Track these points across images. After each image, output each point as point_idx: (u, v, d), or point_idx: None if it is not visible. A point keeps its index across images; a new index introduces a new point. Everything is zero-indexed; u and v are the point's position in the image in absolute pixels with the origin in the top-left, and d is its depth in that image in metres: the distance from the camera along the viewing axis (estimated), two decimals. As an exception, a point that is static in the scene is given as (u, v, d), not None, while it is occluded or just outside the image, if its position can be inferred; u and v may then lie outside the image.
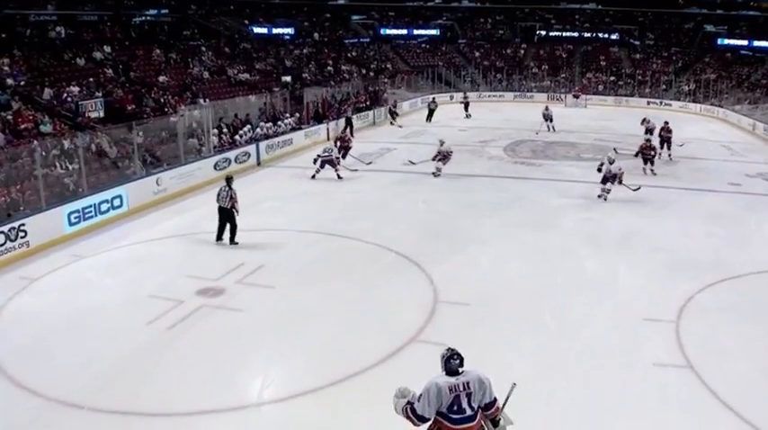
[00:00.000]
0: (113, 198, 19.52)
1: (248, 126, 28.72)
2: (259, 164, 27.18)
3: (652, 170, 24.99)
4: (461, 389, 6.81)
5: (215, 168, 24.40)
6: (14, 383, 10.40)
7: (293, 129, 31.01)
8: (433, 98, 42.63)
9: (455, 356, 6.90)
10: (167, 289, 13.79)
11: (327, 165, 23.92)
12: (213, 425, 9.29)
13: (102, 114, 26.26)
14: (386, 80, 48.27)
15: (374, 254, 15.86)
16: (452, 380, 6.84)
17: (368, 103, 40.34)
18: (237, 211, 16.23)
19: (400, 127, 37.03)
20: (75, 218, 18.06)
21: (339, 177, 23.85)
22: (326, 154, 24.22)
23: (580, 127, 36.06)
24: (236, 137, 27.36)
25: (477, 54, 62.89)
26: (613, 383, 10.25)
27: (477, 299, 13.11)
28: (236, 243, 16.23)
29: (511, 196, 17.84)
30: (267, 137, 28.71)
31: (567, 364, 10.82)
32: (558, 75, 57.03)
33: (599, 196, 19.45)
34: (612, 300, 13.33)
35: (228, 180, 16.57)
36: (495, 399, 7.01)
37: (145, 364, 10.95)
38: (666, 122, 28.21)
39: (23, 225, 16.46)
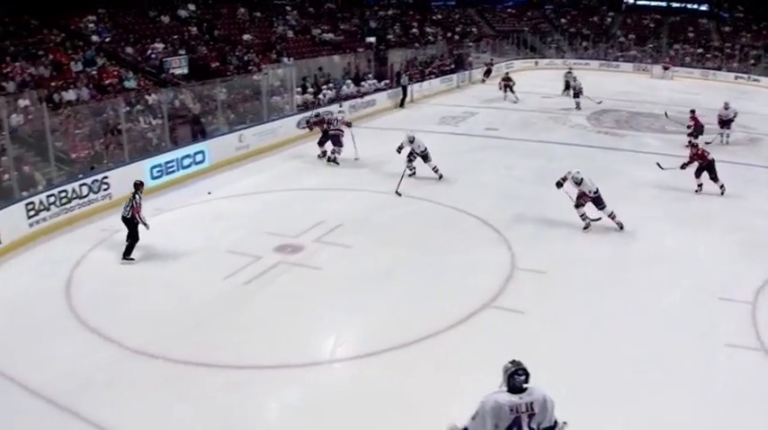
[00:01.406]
0: (196, 153, 19.60)
1: (331, 85, 28.38)
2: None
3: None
4: (524, 409, 5.95)
5: (297, 127, 24.22)
6: (92, 331, 10.62)
7: (376, 91, 30.62)
8: (492, 59, 43.04)
9: (520, 371, 5.99)
10: (246, 244, 13.75)
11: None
12: (284, 380, 9.34)
13: (186, 71, 26.23)
14: (470, 44, 47.36)
15: (453, 217, 15.45)
16: (515, 398, 5.97)
17: (452, 66, 39.66)
18: (142, 222, 13.54)
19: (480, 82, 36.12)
20: (158, 172, 18.18)
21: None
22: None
23: (665, 99, 34.57)
24: (320, 96, 27.09)
25: (563, 20, 61.30)
26: (682, 359, 9.69)
27: (554, 267, 12.61)
28: (131, 259, 13.35)
29: (592, 166, 16.97)
30: (350, 97, 28.39)
31: (638, 337, 10.30)
32: (644, 45, 55.01)
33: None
34: (688, 276, 12.58)
35: (137, 186, 13.86)
36: (556, 423, 6.13)
37: (220, 318, 11.02)
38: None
39: (106, 178, 16.65)
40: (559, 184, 14.57)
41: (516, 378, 5.96)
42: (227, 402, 8.71)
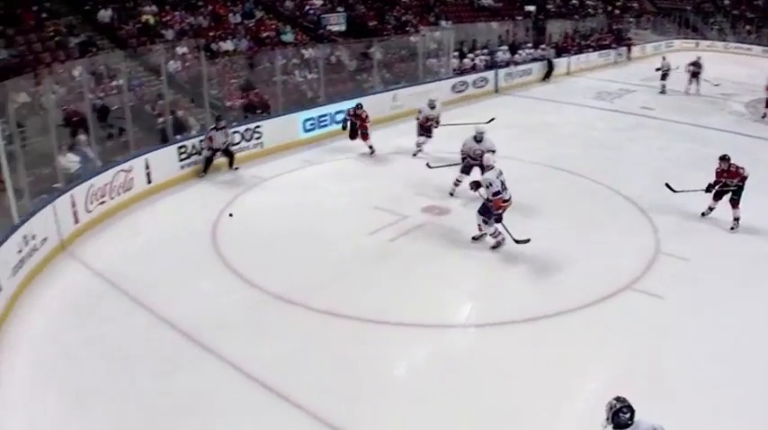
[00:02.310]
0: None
1: (486, 51, 27.71)
2: (497, 91, 26.21)
3: None
4: None
5: (452, 90, 23.70)
6: (234, 273, 10.77)
7: (533, 60, 29.71)
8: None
9: (625, 409, 5.69)
10: (393, 202, 13.47)
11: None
12: (414, 339, 9.23)
13: (343, 28, 26.01)
14: (630, 20, 45.38)
15: (601, 194, 14.49)
16: None
17: (611, 42, 38.11)
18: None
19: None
20: (311, 125, 18.08)
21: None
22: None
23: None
24: (476, 61, 26.49)
25: (726, 2, 57.94)
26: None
27: (699, 255, 11.54)
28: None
29: (748, 157, 15.42)
30: (507, 64, 27.65)
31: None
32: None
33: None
34: None
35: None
36: None
37: (362, 272, 10.96)
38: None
39: (259, 127, 16.67)
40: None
41: (621, 416, 5.71)
42: (357, 354, 8.71)
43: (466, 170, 13.68)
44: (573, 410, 7.56)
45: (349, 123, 16.89)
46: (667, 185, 13.33)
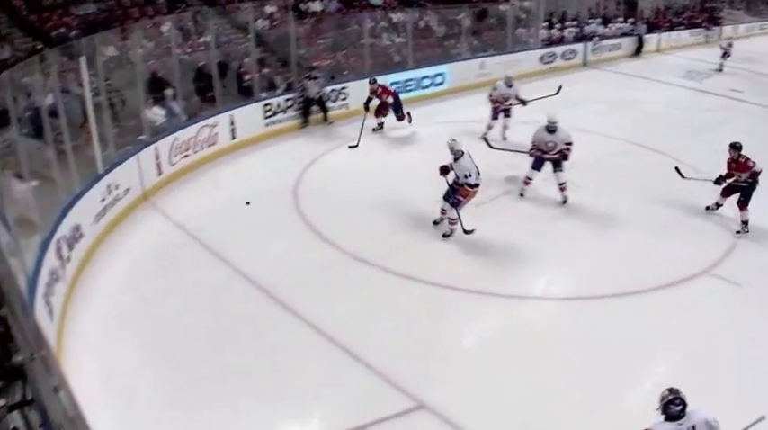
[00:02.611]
0: (436, 75, 19.13)
1: (575, 23, 26.99)
2: (585, 64, 25.49)
3: None
4: None
5: (540, 61, 23.16)
6: (314, 231, 10.84)
7: (623, 35, 28.80)
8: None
9: (677, 400, 5.55)
10: (480, 171, 13.00)
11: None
12: (489, 307, 9.12)
13: (432, -7, 25.73)
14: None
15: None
16: (674, 426, 5.56)
17: (703, 21, 36.72)
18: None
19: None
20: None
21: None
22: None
23: None
24: (565, 33, 25.85)
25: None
26: None
27: None
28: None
29: None
30: (596, 37, 26.88)
31: None
32: None
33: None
34: None
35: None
36: None
37: (440, 238, 10.82)
38: None
39: (345, 88, 16.57)
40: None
41: (672, 407, 5.58)
42: (430, 320, 8.65)
43: (537, 165, 12.03)
44: (640, 392, 7.22)
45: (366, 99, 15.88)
46: (677, 170, 12.24)
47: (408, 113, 15.89)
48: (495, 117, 15.27)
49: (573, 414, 6.93)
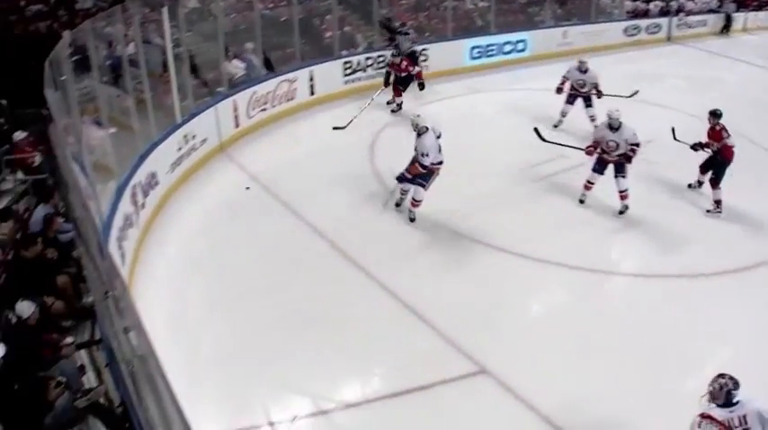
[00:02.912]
0: (518, 41, 18.70)
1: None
2: (669, 39, 24.66)
3: None
4: (737, 424, 5.37)
5: (624, 33, 22.50)
6: (387, 190, 10.67)
7: (710, 12, 27.78)
8: None
9: (736, 389, 5.38)
10: (554, 140, 12.73)
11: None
12: (556, 277, 8.96)
13: (519, -42, 25.25)
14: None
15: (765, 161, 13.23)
16: (725, 412, 5.40)
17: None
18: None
19: None
20: (477, 53, 17.60)
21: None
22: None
23: None
24: (650, 6, 25.11)
25: None
26: None
27: None
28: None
29: None
30: (682, 12, 26.02)
31: None
32: None
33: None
34: None
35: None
36: None
37: (514, 205, 10.70)
38: None
39: (425, 50, 16.21)
40: None
41: (733, 394, 5.42)
42: (498, 285, 8.63)
43: (599, 168, 10.49)
44: (700, 376, 6.79)
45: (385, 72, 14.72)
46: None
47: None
48: (570, 101, 13.79)
49: (631, 392, 6.79)
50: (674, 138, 11.49)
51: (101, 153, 9.57)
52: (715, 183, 10.71)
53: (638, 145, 10.12)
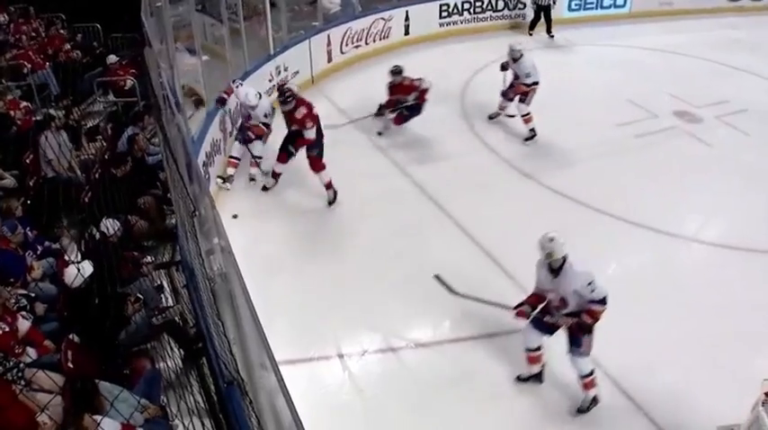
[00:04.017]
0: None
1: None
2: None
3: None
4: None
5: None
6: (475, 135, 10.84)
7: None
8: None
9: None
10: (646, 99, 12.49)
11: None
12: (632, 236, 8.77)
13: None
14: None
15: None
16: None
17: None
18: None
19: None
20: (576, 5, 17.29)
21: None
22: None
23: None
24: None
25: None
26: None
27: None
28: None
29: None
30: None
31: None
32: None
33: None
34: None
35: None
36: None
37: (600, 162, 10.45)
38: None
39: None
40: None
41: None
42: (576, 238, 7.60)
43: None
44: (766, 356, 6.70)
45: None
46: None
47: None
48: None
49: (693, 364, 6.59)
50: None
51: (192, 79, 9.69)
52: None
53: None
